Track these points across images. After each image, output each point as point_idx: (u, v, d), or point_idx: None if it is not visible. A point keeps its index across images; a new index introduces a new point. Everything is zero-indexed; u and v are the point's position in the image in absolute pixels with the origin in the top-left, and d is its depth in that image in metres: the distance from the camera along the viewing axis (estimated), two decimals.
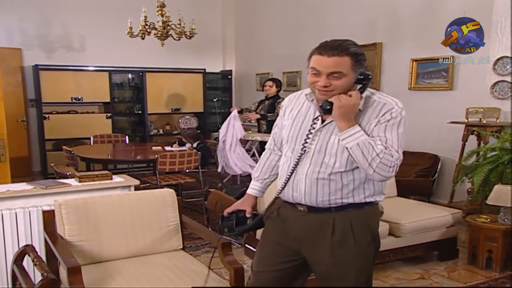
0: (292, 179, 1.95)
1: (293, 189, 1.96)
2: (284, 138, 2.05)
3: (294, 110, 2.03)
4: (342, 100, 1.78)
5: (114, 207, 2.79)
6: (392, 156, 1.78)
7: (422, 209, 4.10)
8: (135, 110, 8.64)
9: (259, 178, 2.22)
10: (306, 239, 1.99)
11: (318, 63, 1.81)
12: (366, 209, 1.95)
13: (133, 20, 6.20)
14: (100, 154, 5.96)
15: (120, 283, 2.42)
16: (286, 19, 8.00)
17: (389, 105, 1.86)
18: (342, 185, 1.89)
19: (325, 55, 1.80)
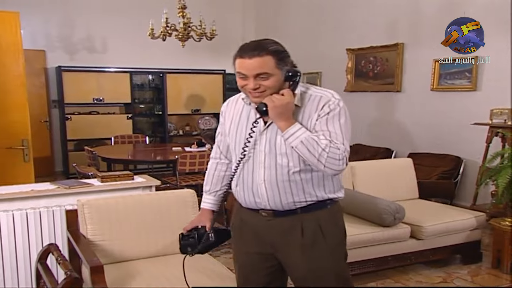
0: (249, 185, 1.92)
1: (254, 195, 1.92)
2: (231, 145, 2.00)
3: (235, 116, 1.99)
4: (275, 101, 1.76)
5: (136, 207, 2.81)
6: (339, 149, 1.76)
7: (444, 211, 4.04)
8: (155, 111, 8.71)
9: (211, 191, 2.15)
10: (278, 243, 1.96)
11: (242, 66, 1.78)
12: (330, 208, 1.95)
13: (154, 21, 6.25)
14: (121, 155, 6.02)
15: (140, 283, 2.44)
16: (306, 19, 7.97)
17: (325, 97, 1.85)
18: (302, 184, 1.87)
19: (246, 57, 1.76)
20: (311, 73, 7.86)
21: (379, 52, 6.59)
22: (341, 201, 1.94)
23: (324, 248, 1.91)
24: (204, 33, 6.27)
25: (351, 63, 7.04)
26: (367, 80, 6.86)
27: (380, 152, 6.40)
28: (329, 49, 7.44)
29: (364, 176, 4.20)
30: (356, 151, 6.69)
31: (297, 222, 1.91)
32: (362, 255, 3.46)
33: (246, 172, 1.92)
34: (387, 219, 3.48)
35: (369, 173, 4.25)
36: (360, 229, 3.47)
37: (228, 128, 2.00)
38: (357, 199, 3.80)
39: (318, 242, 1.91)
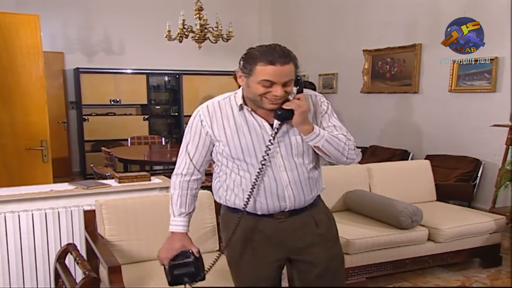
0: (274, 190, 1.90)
1: (279, 199, 1.91)
2: (235, 154, 1.89)
3: (229, 122, 1.89)
4: (302, 106, 1.80)
5: (153, 208, 2.83)
6: (351, 139, 1.92)
7: (463, 214, 3.99)
8: (172, 112, 8.76)
9: (186, 213, 1.97)
10: (293, 243, 1.97)
11: (272, 73, 1.74)
12: (321, 201, 2.09)
13: (171, 23, 6.29)
14: (137, 155, 6.06)
15: (158, 283, 2.45)
16: (323, 20, 7.94)
17: (316, 96, 1.99)
18: (316, 179, 1.98)
19: (278, 65, 1.74)
20: (328, 74, 7.83)
21: (396, 53, 6.53)
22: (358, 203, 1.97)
23: (334, 235, 2.06)
24: (221, 34, 6.28)
25: (367, 64, 6.99)
26: (384, 81, 6.80)
27: (397, 154, 6.35)
28: (346, 50, 7.40)
29: (381, 178, 4.17)
30: (373, 152, 6.65)
31: (309, 216, 1.99)
32: (379, 258, 3.43)
33: (267, 179, 1.89)
34: (405, 221, 3.45)
35: (386, 175, 4.21)
36: (377, 231, 3.44)
37: (222, 136, 1.89)
38: (374, 201, 3.77)
39: (330, 230, 2.04)
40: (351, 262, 3.33)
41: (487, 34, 5.29)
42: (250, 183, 1.87)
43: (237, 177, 1.91)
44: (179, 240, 1.93)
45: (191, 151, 1.95)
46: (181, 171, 1.97)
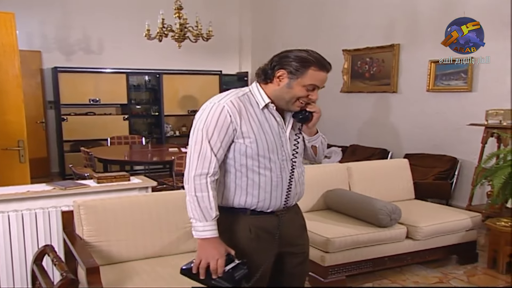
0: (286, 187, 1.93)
1: (291, 195, 1.95)
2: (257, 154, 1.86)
3: (254, 120, 1.88)
4: (319, 111, 1.93)
5: (132, 208, 2.81)
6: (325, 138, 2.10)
7: (440, 212, 4.05)
8: (152, 112, 8.70)
9: (217, 216, 1.84)
10: (287, 236, 2.00)
11: (321, 79, 1.84)
12: None
13: (150, 22, 6.25)
14: (117, 156, 6.00)
15: (137, 283, 2.44)
16: (303, 20, 7.98)
17: None
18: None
19: (324, 71, 1.84)
20: None
21: (375, 53, 6.60)
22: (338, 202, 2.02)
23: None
24: (201, 34, 6.27)
25: (347, 64, 7.05)
26: (364, 81, 6.87)
27: (376, 153, 6.41)
28: (325, 49, 7.31)
29: (361, 176, 4.21)
30: (353, 151, 6.71)
31: (297, 210, 2.10)
32: (358, 256, 3.46)
33: (285, 175, 1.92)
34: (384, 219, 3.49)
35: (365, 174, 4.25)
36: (356, 230, 3.47)
37: (251, 133, 1.85)
38: (354, 200, 3.80)
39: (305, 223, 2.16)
40: (331, 261, 3.35)
41: None
42: (270, 181, 1.88)
43: (256, 176, 1.88)
44: (219, 245, 1.82)
45: (215, 147, 1.83)
46: (207, 171, 1.82)
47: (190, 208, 1.84)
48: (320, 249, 3.37)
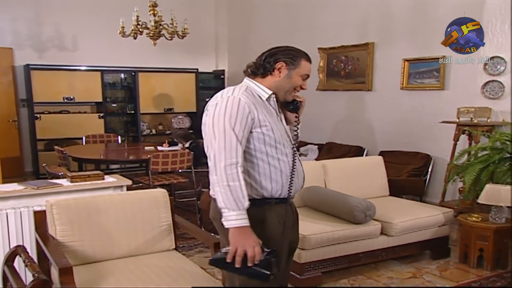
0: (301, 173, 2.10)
1: (299, 184, 2.09)
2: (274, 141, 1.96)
3: (264, 110, 1.97)
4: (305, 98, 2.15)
5: (106, 208, 2.78)
6: None
7: (414, 208, 4.12)
8: (128, 110, 8.61)
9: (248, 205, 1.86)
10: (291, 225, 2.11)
11: (309, 69, 2.06)
12: None
13: (125, 19, 6.18)
14: (92, 154, 5.93)
15: (112, 283, 2.42)
16: (280, 19, 8.01)
17: None
18: None
19: (310, 62, 2.09)
20: None
21: (350, 51, 6.66)
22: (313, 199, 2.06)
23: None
24: (176, 31, 6.23)
25: (322, 62, 7.10)
26: (339, 79, 6.93)
27: (352, 150, 6.48)
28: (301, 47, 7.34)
29: (336, 174, 4.24)
30: (329, 149, 6.76)
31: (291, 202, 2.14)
32: (334, 252, 3.50)
33: (298, 163, 2.05)
34: (358, 216, 3.53)
35: (340, 171, 4.29)
36: (331, 227, 3.50)
37: (267, 121, 1.94)
38: (329, 197, 3.84)
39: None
40: (307, 258, 3.38)
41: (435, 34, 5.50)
42: (289, 166, 1.99)
43: (276, 162, 1.97)
44: (253, 233, 1.84)
45: (239, 136, 1.86)
46: (236, 160, 1.83)
47: (222, 198, 1.83)
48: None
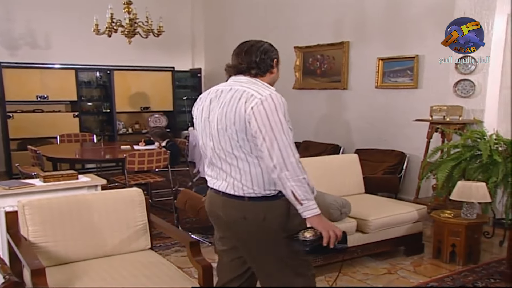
0: None
1: None
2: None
3: None
4: None
5: (80, 207, 2.75)
6: None
7: (389, 205, 4.17)
8: (103, 108, 8.51)
9: None
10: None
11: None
12: None
13: (99, 17, 6.10)
14: (67, 154, 5.84)
15: (86, 284, 2.39)
16: (256, 17, 8.02)
17: None
18: None
19: None
20: None
21: (326, 50, 6.71)
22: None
23: None
24: (151, 29, 6.18)
25: (299, 61, 7.14)
26: (315, 78, 6.98)
27: (329, 148, 6.53)
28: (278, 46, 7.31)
29: (312, 171, 4.17)
30: (305, 147, 6.80)
31: None
32: None
33: None
34: (334, 213, 3.56)
35: (316, 169, 4.30)
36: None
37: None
38: None
39: None
40: None
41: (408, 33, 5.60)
42: None
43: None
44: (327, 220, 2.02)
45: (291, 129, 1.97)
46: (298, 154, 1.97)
47: (301, 191, 1.91)
48: None
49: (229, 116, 1.97)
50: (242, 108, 1.94)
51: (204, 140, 2.15)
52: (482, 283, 3.50)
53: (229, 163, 2.03)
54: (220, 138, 2.03)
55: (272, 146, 1.89)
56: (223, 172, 2.08)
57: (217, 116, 2.03)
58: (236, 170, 2.02)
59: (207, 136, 2.11)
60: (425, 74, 5.47)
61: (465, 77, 4.74)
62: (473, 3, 4.61)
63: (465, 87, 4.75)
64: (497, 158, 4.00)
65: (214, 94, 2.11)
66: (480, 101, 4.70)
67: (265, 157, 1.91)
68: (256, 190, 2.00)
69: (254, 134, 1.92)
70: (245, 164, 2.00)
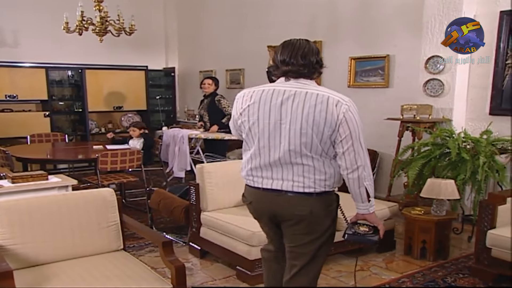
0: None
1: None
2: None
3: None
4: None
5: (50, 209, 2.71)
6: None
7: None
8: (75, 108, 8.38)
9: None
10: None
11: None
12: None
13: (69, 15, 6.01)
14: (38, 154, 5.74)
15: (55, 285, 2.36)
16: (229, 17, 8.01)
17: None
18: None
19: None
20: (235, 69, 7.91)
21: None
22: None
23: None
24: (123, 28, 6.11)
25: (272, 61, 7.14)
26: None
27: None
28: (251, 46, 7.52)
29: None
30: None
31: None
32: None
33: None
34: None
35: None
36: None
37: None
38: None
39: None
40: (256, 255, 3.40)
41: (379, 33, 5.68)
42: None
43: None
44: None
45: None
46: None
47: (371, 189, 2.23)
48: (246, 243, 3.42)
49: (318, 119, 2.10)
50: (335, 113, 2.09)
51: (265, 142, 2.22)
52: (451, 278, 3.58)
53: (302, 163, 2.17)
54: (296, 140, 2.14)
55: (358, 149, 2.13)
56: (290, 172, 2.19)
57: (297, 118, 2.12)
58: (311, 169, 2.17)
59: (274, 138, 2.19)
60: (396, 74, 5.56)
61: (434, 76, 4.83)
62: (441, 4, 4.71)
63: (434, 86, 4.84)
64: (465, 156, 4.10)
65: (282, 96, 2.18)
66: (448, 100, 4.80)
67: (348, 160, 2.13)
68: (326, 187, 2.23)
69: (341, 137, 2.12)
70: (321, 164, 2.18)
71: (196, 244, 4.00)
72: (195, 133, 6.24)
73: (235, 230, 3.50)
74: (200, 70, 8.68)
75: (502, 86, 4.60)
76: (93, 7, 5.88)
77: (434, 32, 4.79)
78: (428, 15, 4.82)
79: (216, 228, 3.71)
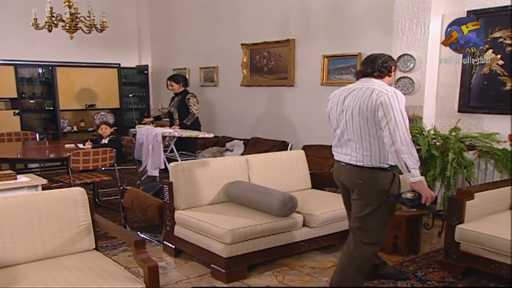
0: None
1: None
2: None
3: None
4: None
5: (19, 209, 2.66)
6: None
7: (335, 200, 4.22)
8: (46, 106, 8.21)
9: None
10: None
11: None
12: None
13: (38, 11, 5.88)
14: (7, 153, 5.62)
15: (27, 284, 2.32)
16: (203, 14, 7.97)
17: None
18: None
19: None
20: (208, 67, 7.88)
21: (272, 47, 6.76)
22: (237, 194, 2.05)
23: None
24: (94, 24, 6.01)
25: (246, 58, 7.15)
26: (262, 75, 7.02)
27: (276, 145, 6.60)
28: (225, 43, 7.50)
29: (259, 168, 4.31)
30: (254, 144, 6.85)
31: None
32: (257, 246, 3.55)
33: None
34: (281, 209, 3.61)
35: (263, 166, 4.36)
36: (255, 220, 3.55)
37: None
38: (252, 191, 3.89)
39: None
40: (231, 252, 3.41)
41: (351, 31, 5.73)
42: None
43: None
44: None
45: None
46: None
47: (411, 162, 2.66)
48: (220, 241, 3.42)
49: (362, 107, 2.74)
50: (374, 100, 2.69)
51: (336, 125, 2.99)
52: (422, 272, 3.65)
53: (356, 142, 2.83)
54: (353, 124, 2.81)
55: (394, 127, 2.63)
56: (350, 148, 2.88)
57: (352, 107, 2.81)
58: (360, 147, 2.82)
59: (341, 121, 2.92)
60: None
61: (405, 74, 4.91)
62: (410, 4, 4.78)
63: (405, 84, 4.92)
64: (434, 152, 4.19)
65: (347, 92, 2.90)
66: (419, 97, 4.88)
67: (387, 136, 2.65)
68: (373, 162, 2.80)
69: (380, 119, 2.67)
70: (367, 143, 2.79)
71: (170, 243, 3.99)
72: (169, 131, 6.20)
73: (209, 228, 3.50)
74: (174, 67, 8.61)
75: (470, 84, 4.71)
76: (62, 3, 5.76)
77: (404, 31, 4.86)
78: (398, 14, 4.89)
79: (190, 226, 3.70)
